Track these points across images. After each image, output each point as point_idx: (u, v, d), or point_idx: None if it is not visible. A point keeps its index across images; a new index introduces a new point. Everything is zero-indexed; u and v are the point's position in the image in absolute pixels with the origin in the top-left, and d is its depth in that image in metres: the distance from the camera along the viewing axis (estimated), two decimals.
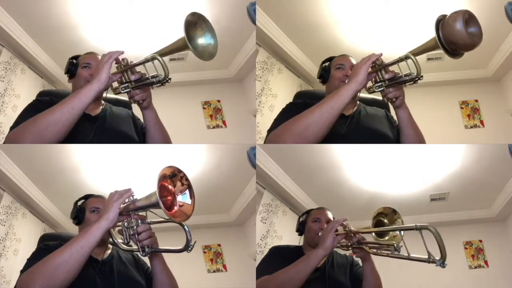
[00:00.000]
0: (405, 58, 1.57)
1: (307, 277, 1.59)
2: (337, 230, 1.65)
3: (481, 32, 1.48)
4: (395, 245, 1.57)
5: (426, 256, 1.46)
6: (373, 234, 1.67)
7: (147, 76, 1.56)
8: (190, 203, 1.42)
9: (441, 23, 1.50)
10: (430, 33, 1.53)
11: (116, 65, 1.57)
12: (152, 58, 1.53)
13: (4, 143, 1.67)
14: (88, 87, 1.52)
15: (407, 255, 1.53)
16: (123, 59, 1.56)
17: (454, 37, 1.47)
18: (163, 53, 1.56)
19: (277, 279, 1.63)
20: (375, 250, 1.64)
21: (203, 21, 1.58)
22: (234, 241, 3.26)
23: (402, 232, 1.64)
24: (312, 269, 1.60)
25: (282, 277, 1.62)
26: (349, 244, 1.69)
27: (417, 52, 1.57)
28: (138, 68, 1.59)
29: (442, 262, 1.42)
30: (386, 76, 1.60)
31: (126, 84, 1.58)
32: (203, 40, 1.58)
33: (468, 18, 1.47)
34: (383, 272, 1.74)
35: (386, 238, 1.66)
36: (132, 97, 1.60)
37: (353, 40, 2.69)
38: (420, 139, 1.71)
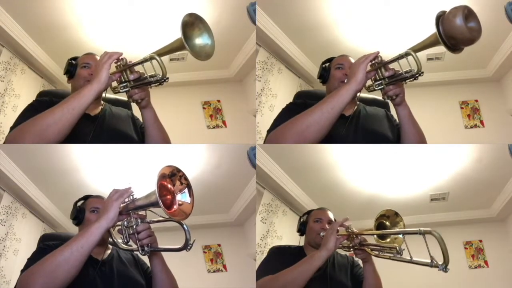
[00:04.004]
0: (406, 54, 1.56)
1: (310, 278, 1.59)
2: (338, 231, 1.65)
3: (480, 27, 1.49)
4: (397, 248, 1.56)
5: (429, 260, 1.44)
6: (375, 236, 1.67)
7: (146, 75, 1.56)
8: (189, 202, 1.42)
9: (441, 18, 1.50)
10: (430, 33, 1.53)
11: (115, 64, 1.57)
12: (150, 58, 1.54)
13: (4, 143, 1.67)
14: (88, 87, 1.52)
15: (409, 258, 1.52)
16: (122, 59, 1.57)
17: (454, 32, 1.47)
18: (161, 53, 1.56)
19: (280, 279, 1.63)
20: (377, 252, 1.64)
21: (200, 22, 1.58)
22: (234, 241, 3.27)
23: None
24: (315, 270, 1.60)
25: (285, 278, 1.62)
26: (351, 245, 1.69)
27: (418, 48, 1.57)
28: (136, 68, 1.59)
29: (445, 267, 1.41)
30: (386, 74, 1.60)
31: (125, 84, 1.58)
32: (200, 40, 1.58)
33: (468, 13, 1.48)
34: (383, 272, 1.74)
35: (388, 240, 1.65)
36: (131, 96, 1.61)
37: (353, 40, 2.69)
38: (420, 137, 1.71)
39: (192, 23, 1.57)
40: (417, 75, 1.56)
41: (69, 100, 1.52)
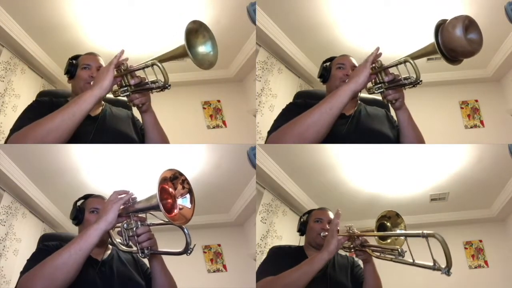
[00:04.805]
0: (404, 62, 1.56)
1: (310, 279, 1.60)
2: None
3: (481, 39, 1.46)
4: (399, 250, 1.54)
5: (431, 263, 1.42)
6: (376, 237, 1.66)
7: (147, 81, 1.55)
8: (190, 206, 1.41)
9: (441, 28, 1.48)
10: (430, 33, 1.52)
11: (116, 68, 1.56)
12: (152, 64, 1.52)
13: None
14: (89, 92, 1.51)
15: (411, 261, 1.49)
16: (122, 63, 1.56)
17: (453, 44, 1.45)
18: (163, 59, 1.54)
19: (281, 281, 1.63)
20: (378, 254, 1.63)
21: (204, 29, 1.56)
22: (234, 241, 3.27)
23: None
24: (316, 272, 1.60)
25: (286, 279, 1.62)
26: (352, 246, 1.68)
27: (416, 56, 1.56)
28: (138, 72, 1.58)
29: (447, 271, 1.40)
30: (386, 79, 1.60)
31: (126, 88, 1.57)
32: (203, 49, 1.57)
33: (468, 24, 1.45)
34: (383, 272, 1.74)
35: (389, 241, 1.64)
36: (131, 101, 1.60)
37: (353, 40, 2.69)
38: (419, 141, 1.71)
39: (197, 30, 1.55)
40: (416, 83, 1.56)
41: (70, 105, 1.51)
